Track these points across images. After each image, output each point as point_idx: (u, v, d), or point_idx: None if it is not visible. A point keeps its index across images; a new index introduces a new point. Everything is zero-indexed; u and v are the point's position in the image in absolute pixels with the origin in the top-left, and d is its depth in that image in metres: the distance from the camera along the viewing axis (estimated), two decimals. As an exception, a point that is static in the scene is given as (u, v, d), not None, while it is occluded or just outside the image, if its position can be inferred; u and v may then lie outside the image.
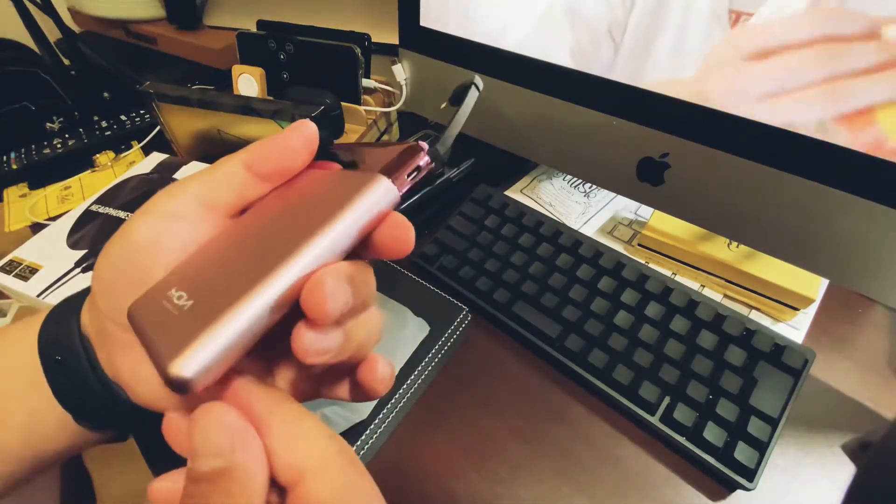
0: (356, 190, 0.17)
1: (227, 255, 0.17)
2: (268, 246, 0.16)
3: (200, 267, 0.17)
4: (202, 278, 0.16)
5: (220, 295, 0.14)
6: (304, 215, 0.17)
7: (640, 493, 0.31)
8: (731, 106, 0.31)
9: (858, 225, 0.30)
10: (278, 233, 0.17)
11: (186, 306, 0.15)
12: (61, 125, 0.64)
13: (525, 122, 0.44)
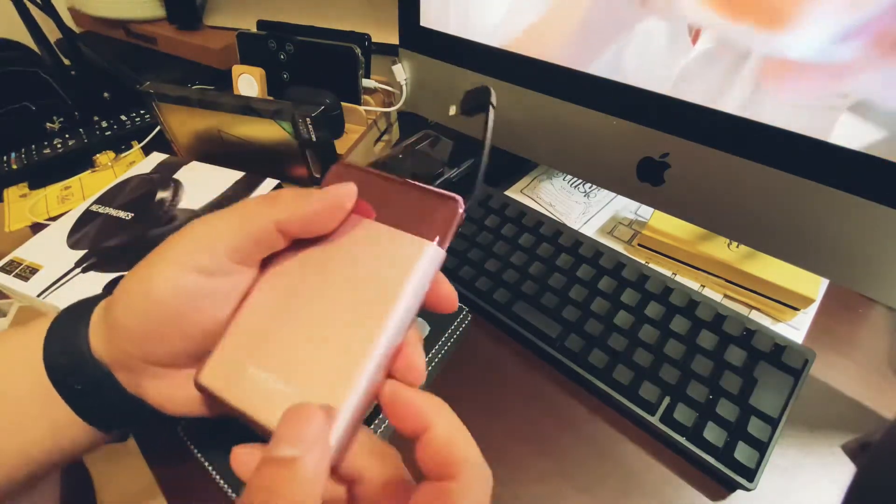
0: (416, 263, 0.18)
1: (295, 324, 0.18)
2: (343, 320, 0.18)
3: (273, 339, 0.18)
4: (286, 356, 0.17)
5: (326, 382, 0.17)
6: (365, 285, 0.18)
7: (640, 493, 0.31)
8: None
9: (858, 225, 0.30)
10: (346, 304, 0.18)
11: (288, 390, 0.17)
12: (61, 125, 0.64)
13: (525, 121, 0.44)
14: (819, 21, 0.27)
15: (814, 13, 0.27)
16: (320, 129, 0.46)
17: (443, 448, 0.16)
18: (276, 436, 0.15)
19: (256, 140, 0.50)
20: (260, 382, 0.17)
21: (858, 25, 0.26)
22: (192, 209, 0.44)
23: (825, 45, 0.27)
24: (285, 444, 0.15)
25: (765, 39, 0.29)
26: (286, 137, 0.48)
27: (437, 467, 0.16)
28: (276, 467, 0.14)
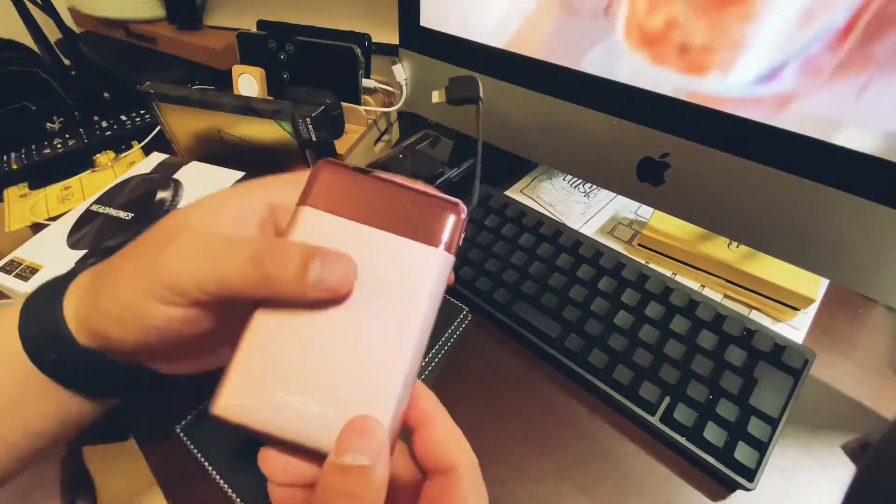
0: (431, 274, 0.18)
1: (317, 343, 0.18)
2: (368, 335, 0.18)
3: (294, 360, 0.17)
4: (315, 376, 0.17)
5: (366, 398, 0.17)
6: (385, 298, 0.18)
7: (640, 493, 0.31)
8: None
9: (858, 225, 0.30)
10: (368, 319, 0.18)
11: (328, 411, 0.17)
12: (61, 125, 0.64)
13: (525, 121, 0.44)
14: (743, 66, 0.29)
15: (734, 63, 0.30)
16: (320, 129, 0.46)
17: (443, 445, 0.17)
18: (345, 446, 0.16)
19: (256, 140, 0.50)
20: (294, 406, 0.17)
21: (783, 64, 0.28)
22: (192, 209, 0.44)
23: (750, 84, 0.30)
24: (357, 453, 0.16)
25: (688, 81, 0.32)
26: (286, 137, 0.48)
27: (435, 462, 0.17)
28: (350, 475, 0.15)
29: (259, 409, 0.17)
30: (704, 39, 0.30)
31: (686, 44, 0.30)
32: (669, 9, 0.30)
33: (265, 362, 0.17)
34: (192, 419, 0.33)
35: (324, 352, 0.17)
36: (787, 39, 0.27)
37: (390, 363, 0.17)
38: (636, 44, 0.33)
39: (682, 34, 0.30)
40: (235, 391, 0.17)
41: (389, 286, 0.18)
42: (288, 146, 0.48)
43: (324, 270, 0.17)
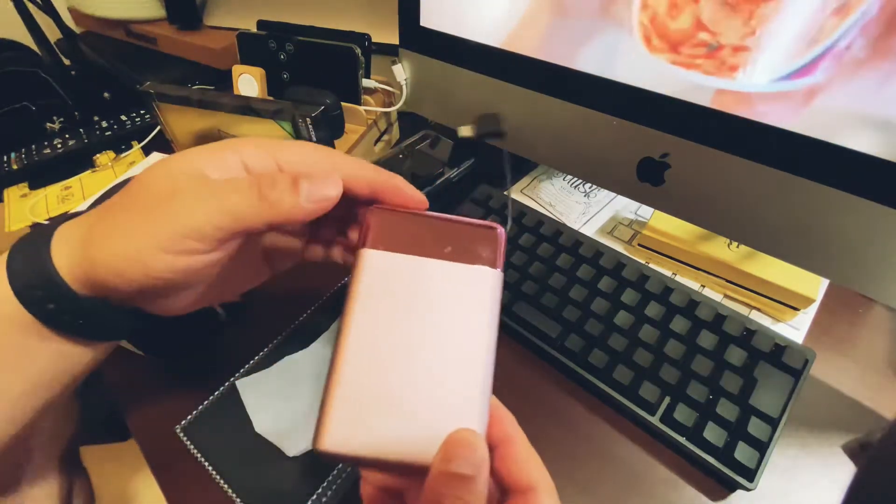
0: (488, 291, 0.21)
1: (400, 367, 0.19)
2: (446, 356, 0.19)
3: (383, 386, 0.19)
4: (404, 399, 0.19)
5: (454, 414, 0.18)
6: (454, 319, 0.20)
7: (640, 493, 0.31)
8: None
9: (858, 225, 0.30)
10: (443, 341, 0.20)
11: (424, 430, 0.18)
12: (61, 125, 0.64)
13: (525, 121, 0.44)
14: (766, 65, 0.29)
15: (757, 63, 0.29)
16: (320, 129, 0.46)
17: (524, 464, 0.19)
18: (451, 455, 0.17)
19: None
20: (393, 430, 0.18)
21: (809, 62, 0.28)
22: (193, 209, 0.44)
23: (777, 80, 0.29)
24: (462, 462, 0.17)
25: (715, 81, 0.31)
26: (286, 137, 0.48)
27: (517, 480, 0.18)
28: (457, 481, 0.17)
29: (359, 439, 0.18)
30: (735, 37, 0.29)
31: (714, 43, 0.30)
32: (694, 8, 0.30)
33: (357, 394, 0.19)
34: (192, 419, 0.33)
35: (408, 377, 0.19)
36: (821, 31, 0.27)
37: (469, 379, 0.19)
38: (656, 47, 0.32)
39: (711, 34, 0.30)
40: (335, 426, 0.18)
41: (454, 308, 0.20)
42: (288, 146, 0.48)
43: (311, 187, 0.20)
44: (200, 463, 0.31)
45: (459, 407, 0.19)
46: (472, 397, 0.19)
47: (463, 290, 0.21)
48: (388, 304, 0.21)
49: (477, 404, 0.19)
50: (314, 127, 0.45)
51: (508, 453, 0.19)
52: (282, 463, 0.31)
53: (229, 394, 0.34)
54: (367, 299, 0.21)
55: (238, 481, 0.30)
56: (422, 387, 0.19)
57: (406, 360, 0.19)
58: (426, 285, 0.21)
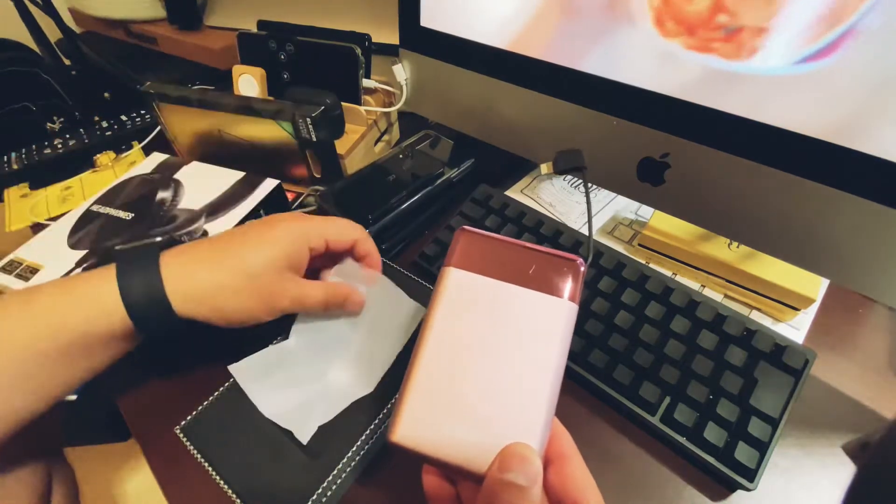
0: (561, 321, 0.22)
1: (473, 380, 0.21)
2: (516, 375, 0.21)
3: (456, 395, 0.21)
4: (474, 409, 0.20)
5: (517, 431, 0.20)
6: (528, 343, 0.22)
7: (640, 493, 0.31)
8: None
9: (859, 225, 0.30)
10: (515, 361, 0.21)
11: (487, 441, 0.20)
12: (62, 125, 0.64)
13: (525, 122, 0.44)
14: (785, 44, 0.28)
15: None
16: (320, 129, 0.46)
17: (578, 481, 0.20)
18: (507, 466, 0.19)
19: (257, 140, 0.50)
20: (457, 434, 0.20)
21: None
22: (193, 209, 0.44)
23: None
24: (516, 474, 0.18)
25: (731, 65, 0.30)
26: (286, 137, 0.48)
27: (569, 496, 0.20)
28: (513, 490, 0.18)
29: (428, 439, 0.20)
30: (756, 18, 0.28)
31: (733, 25, 0.29)
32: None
33: (431, 398, 0.21)
34: (192, 419, 0.33)
35: (479, 389, 0.21)
36: (844, 9, 0.26)
37: (534, 401, 0.20)
38: (669, 31, 0.31)
39: (730, 15, 0.29)
40: (408, 423, 0.20)
41: (528, 333, 0.22)
42: (288, 146, 0.48)
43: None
44: (200, 463, 0.31)
45: (522, 424, 0.20)
46: (534, 416, 0.20)
47: (538, 318, 0.22)
48: (467, 319, 0.22)
49: (539, 423, 0.20)
50: (314, 127, 0.45)
51: (564, 469, 0.20)
52: (282, 463, 0.31)
53: (229, 394, 0.34)
54: (449, 312, 0.23)
55: (238, 481, 0.30)
56: (490, 400, 0.20)
57: (478, 372, 0.21)
58: (504, 308, 0.22)
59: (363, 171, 0.49)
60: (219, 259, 0.31)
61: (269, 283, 0.31)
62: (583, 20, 0.35)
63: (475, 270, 0.23)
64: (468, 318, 0.22)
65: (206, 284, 0.30)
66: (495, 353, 0.21)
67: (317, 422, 0.31)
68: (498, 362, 0.21)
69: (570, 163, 0.29)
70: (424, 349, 0.22)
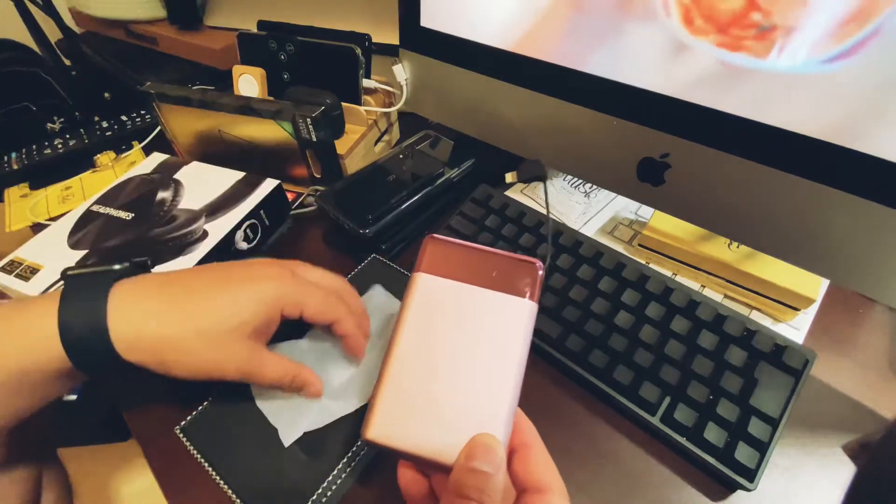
0: (523, 319, 0.23)
1: (440, 378, 0.23)
2: (481, 372, 0.22)
3: (424, 392, 0.22)
4: (441, 405, 0.22)
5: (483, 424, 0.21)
6: (491, 341, 0.23)
7: (640, 493, 0.31)
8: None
9: (859, 225, 0.30)
10: (480, 358, 0.23)
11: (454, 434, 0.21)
12: (62, 125, 0.64)
13: (525, 122, 0.44)
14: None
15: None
16: (320, 129, 0.46)
17: (540, 467, 0.21)
18: (473, 455, 0.20)
19: (257, 140, 0.50)
20: (427, 429, 0.21)
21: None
22: (193, 209, 0.44)
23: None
24: (481, 462, 0.20)
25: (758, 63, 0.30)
26: (286, 138, 0.48)
27: (533, 482, 0.21)
28: (479, 476, 0.20)
29: (400, 435, 0.21)
30: (789, 17, 0.28)
31: (766, 24, 0.29)
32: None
33: (402, 396, 0.22)
34: (192, 419, 0.33)
35: (446, 385, 0.22)
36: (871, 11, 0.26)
37: (498, 395, 0.22)
38: (699, 28, 0.31)
39: (764, 13, 0.29)
40: (380, 420, 0.22)
41: (492, 331, 0.23)
42: (288, 146, 0.48)
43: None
44: (200, 463, 0.31)
45: (487, 417, 0.21)
46: (498, 409, 0.21)
47: (501, 317, 0.24)
48: (435, 321, 0.24)
49: (502, 416, 0.21)
50: (314, 127, 0.45)
51: (527, 457, 0.21)
52: (282, 463, 0.31)
53: (229, 394, 0.34)
54: (418, 315, 0.24)
55: (238, 481, 0.30)
56: (457, 395, 0.22)
57: (446, 371, 0.22)
58: (469, 309, 0.24)
59: (363, 172, 0.49)
60: (179, 312, 0.28)
61: (223, 348, 0.29)
62: (595, 18, 0.35)
63: (442, 275, 0.25)
64: (436, 319, 0.24)
65: (159, 337, 0.28)
66: (461, 351, 0.23)
67: (304, 427, 0.32)
68: (464, 359, 0.23)
69: (532, 172, 0.33)
70: (395, 350, 0.23)
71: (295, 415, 0.32)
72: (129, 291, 0.28)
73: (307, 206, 0.52)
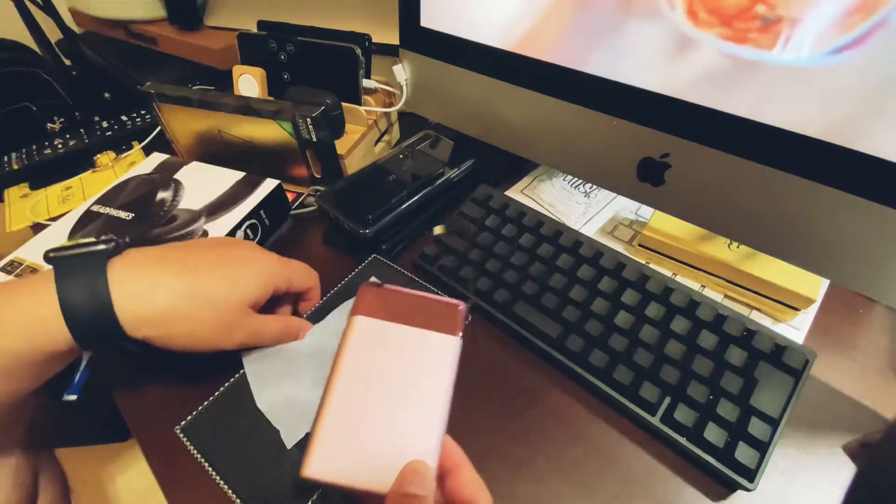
0: (448, 353, 0.26)
1: (374, 413, 0.24)
2: (411, 404, 0.25)
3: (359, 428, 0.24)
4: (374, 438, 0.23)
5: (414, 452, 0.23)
6: (419, 375, 0.25)
7: (640, 493, 0.31)
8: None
9: (859, 225, 0.30)
10: (409, 392, 0.25)
11: (387, 464, 0.23)
12: (62, 125, 0.64)
13: (525, 122, 0.44)
14: None
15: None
16: (320, 129, 0.46)
17: (469, 484, 0.23)
18: (408, 481, 0.22)
19: (257, 140, 0.50)
20: (363, 462, 0.23)
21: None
22: (193, 209, 0.44)
23: None
24: (414, 486, 0.22)
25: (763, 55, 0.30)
26: (287, 138, 0.48)
27: (464, 497, 0.23)
28: (412, 500, 0.21)
29: (337, 470, 0.23)
30: (794, 8, 0.28)
31: (771, 16, 0.29)
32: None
33: (338, 433, 0.24)
34: (192, 419, 0.33)
35: (377, 420, 0.24)
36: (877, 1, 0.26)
37: (428, 424, 0.23)
38: (703, 21, 0.31)
39: (769, 6, 0.29)
40: (318, 460, 0.23)
41: (420, 365, 0.26)
42: (288, 146, 0.48)
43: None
44: (200, 463, 0.31)
45: (418, 444, 0.23)
46: (429, 437, 0.23)
47: (428, 353, 0.26)
48: (369, 360, 0.26)
49: (432, 443, 0.23)
50: (314, 127, 0.45)
51: (458, 476, 0.23)
52: (282, 463, 0.31)
53: (229, 394, 0.34)
54: (354, 355, 0.26)
55: (238, 481, 0.30)
56: (389, 428, 0.24)
57: (378, 406, 0.24)
58: (400, 346, 0.26)
59: (363, 172, 0.49)
60: (184, 283, 0.29)
61: (229, 317, 0.30)
62: (597, 16, 0.35)
63: (376, 317, 0.28)
64: (370, 357, 0.26)
65: (166, 308, 0.28)
66: (393, 386, 0.25)
67: (307, 429, 0.31)
68: (396, 393, 0.25)
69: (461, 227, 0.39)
70: (332, 388, 0.25)
71: (296, 416, 0.32)
72: (126, 267, 0.29)
73: (307, 206, 0.52)
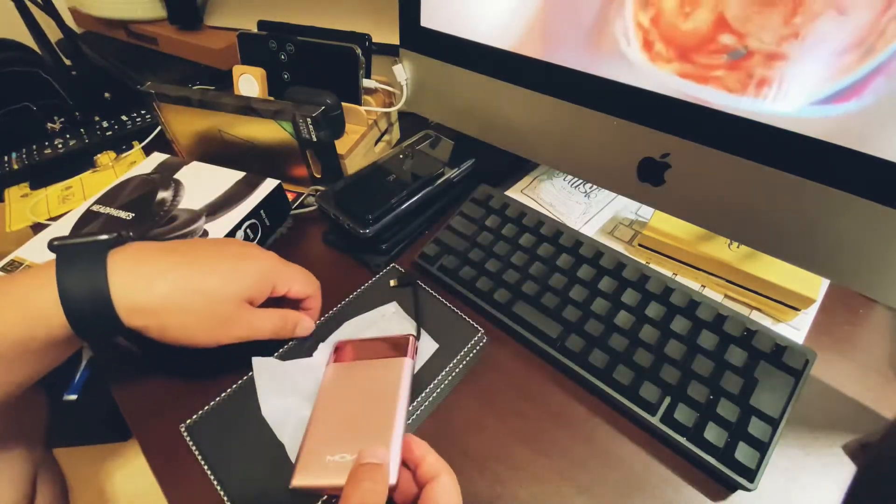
0: (402, 371, 0.31)
1: (345, 423, 0.29)
2: (375, 412, 0.29)
3: (334, 436, 0.29)
4: (347, 442, 0.28)
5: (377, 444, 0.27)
6: (381, 389, 0.31)
7: (640, 493, 0.31)
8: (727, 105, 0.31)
9: (859, 225, 0.30)
10: (373, 404, 0.30)
11: (351, 457, 0.27)
12: (62, 125, 0.64)
13: (525, 122, 0.44)
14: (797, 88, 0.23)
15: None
16: (321, 129, 0.46)
17: (433, 465, 0.25)
18: (364, 455, 0.25)
19: (257, 140, 0.50)
20: (336, 463, 0.27)
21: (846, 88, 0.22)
22: (193, 209, 0.44)
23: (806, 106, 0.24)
24: (370, 456, 0.25)
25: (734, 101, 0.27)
26: (287, 138, 0.48)
27: (428, 474, 0.25)
28: (371, 468, 0.24)
29: (318, 473, 0.27)
30: (770, 40, 0.22)
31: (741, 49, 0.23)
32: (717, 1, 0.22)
33: (318, 444, 0.28)
34: (198, 418, 0.33)
35: (349, 432, 0.29)
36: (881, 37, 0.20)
37: (389, 426, 0.28)
38: (659, 55, 0.25)
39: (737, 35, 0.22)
40: (302, 467, 0.28)
41: (380, 384, 0.31)
42: (288, 146, 0.48)
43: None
44: (200, 463, 0.31)
45: (378, 440, 0.27)
46: (385, 432, 0.27)
47: (385, 373, 0.32)
48: (341, 391, 0.32)
49: (393, 435, 0.27)
50: (314, 127, 0.45)
51: (422, 462, 0.25)
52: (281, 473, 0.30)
53: (238, 396, 0.34)
54: (329, 390, 0.32)
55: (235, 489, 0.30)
56: (357, 436, 0.28)
57: (348, 422, 0.29)
58: (364, 375, 0.32)
59: (363, 171, 0.49)
60: (181, 275, 0.29)
61: (227, 311, 0.31)
62: (587, 25, 0.35)
63: (345, 361, 0.34)
64: (341, 390, 0.32)
65: (162, 299, 0.28)
66: (359, 405, 0.30)
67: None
68: (361, 410, 0.30)
69: (408, 280, 0.42)
70: (313, 417, 0.30)
71: (300, 429, 0.31)
72: (126, 258, 0.29)
73: (307, 206, 0.52)
